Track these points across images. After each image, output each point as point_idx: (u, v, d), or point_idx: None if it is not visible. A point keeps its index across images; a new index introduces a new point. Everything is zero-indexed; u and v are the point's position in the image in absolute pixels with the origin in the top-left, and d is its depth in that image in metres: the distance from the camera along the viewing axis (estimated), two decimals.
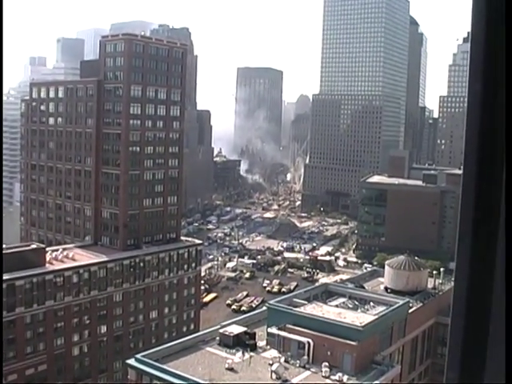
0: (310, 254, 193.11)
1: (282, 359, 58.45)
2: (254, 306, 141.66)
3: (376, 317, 63.31)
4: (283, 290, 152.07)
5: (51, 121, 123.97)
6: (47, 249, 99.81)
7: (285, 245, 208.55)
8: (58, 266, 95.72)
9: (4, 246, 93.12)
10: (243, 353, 59.97)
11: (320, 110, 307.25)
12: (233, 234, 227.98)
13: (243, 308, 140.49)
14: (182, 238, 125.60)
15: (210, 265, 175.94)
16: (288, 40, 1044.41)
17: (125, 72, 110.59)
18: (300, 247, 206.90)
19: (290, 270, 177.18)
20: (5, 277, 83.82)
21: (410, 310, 71.20)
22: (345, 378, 55.09)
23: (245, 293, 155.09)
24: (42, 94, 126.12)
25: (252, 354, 60.12)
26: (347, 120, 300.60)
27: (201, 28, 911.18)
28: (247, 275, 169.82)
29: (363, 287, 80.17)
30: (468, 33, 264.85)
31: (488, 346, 3.42)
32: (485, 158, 3.39)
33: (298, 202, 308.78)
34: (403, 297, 72.68)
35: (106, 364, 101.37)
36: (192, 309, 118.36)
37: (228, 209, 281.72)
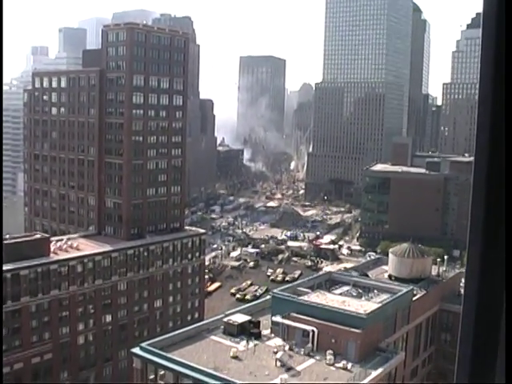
0: (314, 242, 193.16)
1: (287, 347, 58.67)
2: (258, 294, 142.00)
3: (380, 305, 63.47)
4: (287, 278, 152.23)
5: (54, 111, 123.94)
6: (51, 239, 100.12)
7: (288, 234, 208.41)
8: (62, 255, 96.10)
9: (8, 236, 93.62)
10: (248, 341, 60.18)
11: (323, 98, 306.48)
12: (236, 223, 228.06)
13: (247, 297, 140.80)
14: (186, 227, 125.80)
15: (213, 254, 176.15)
16: (291, 28, 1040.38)
17: (127, 61, 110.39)
18: (304, 236, 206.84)
19: (293, 258, 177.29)
20: (10, 266, 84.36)
21: (414, 298, 71.31)
22: (349, 365, 55.33)
23: (249, 282, 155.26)
24: (45, 84, 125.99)
25: (256, 342, 60.34)
26: (350, 108, 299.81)
27: (203, 17, 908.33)
28: (251, 264, 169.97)
29: (367, 275, 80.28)
30: (472, 19, 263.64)
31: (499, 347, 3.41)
32: (497, 143, 3.37)
33: (302, 191, 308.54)
34: (407, 284, 72.78)
35: (111, 353, 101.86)
36: (196, 298, 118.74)
37: (231, 198, 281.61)
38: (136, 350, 60.15)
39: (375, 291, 70.32)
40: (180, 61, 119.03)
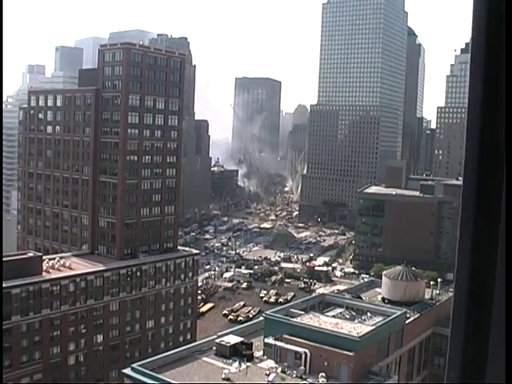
0: (307, 264, 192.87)
1: (279, 369, 58.23)
2: (250, 316, 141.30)
3: (373, 327, 63.18)
4: (280, 300, 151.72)
5: (49, 129, 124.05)
6: (44, 257, 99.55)
7: (282, 255, 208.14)
8: (54, 274, 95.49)
9: None
10: (240, 363, 59.71)
11: (318, 121, 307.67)
12: (230, 244, 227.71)
13: (240, 318, 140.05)
14: (179, 247, 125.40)
15: (206, 275, 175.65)
16: (286, 50, 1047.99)
17: (123, 81, 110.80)
18: (297, 257, 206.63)
19: (287, 280, 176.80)
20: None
21: (408, 321, 71.07)
22: None
23: (242, 303, 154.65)
24: (41, 103, 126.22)
25: (249, 364, 59.87)
26: (345, 130, 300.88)
27: (199, 38, 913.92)
28: (244, 285, 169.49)
29: (360, 298, 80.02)
30: (466, 44, 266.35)
31: (489, 346, 3.43)
32: (485, 162, 3.41)
33: (296, 213, 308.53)
34: (400, 307, 72.57)
35: (102, 373, 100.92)
36: (189, 319, 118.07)
37: (225, 219, 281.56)
38: (127, 371, 59.65)
39: (368, 314, 70.05)
40: (176, 81, 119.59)
